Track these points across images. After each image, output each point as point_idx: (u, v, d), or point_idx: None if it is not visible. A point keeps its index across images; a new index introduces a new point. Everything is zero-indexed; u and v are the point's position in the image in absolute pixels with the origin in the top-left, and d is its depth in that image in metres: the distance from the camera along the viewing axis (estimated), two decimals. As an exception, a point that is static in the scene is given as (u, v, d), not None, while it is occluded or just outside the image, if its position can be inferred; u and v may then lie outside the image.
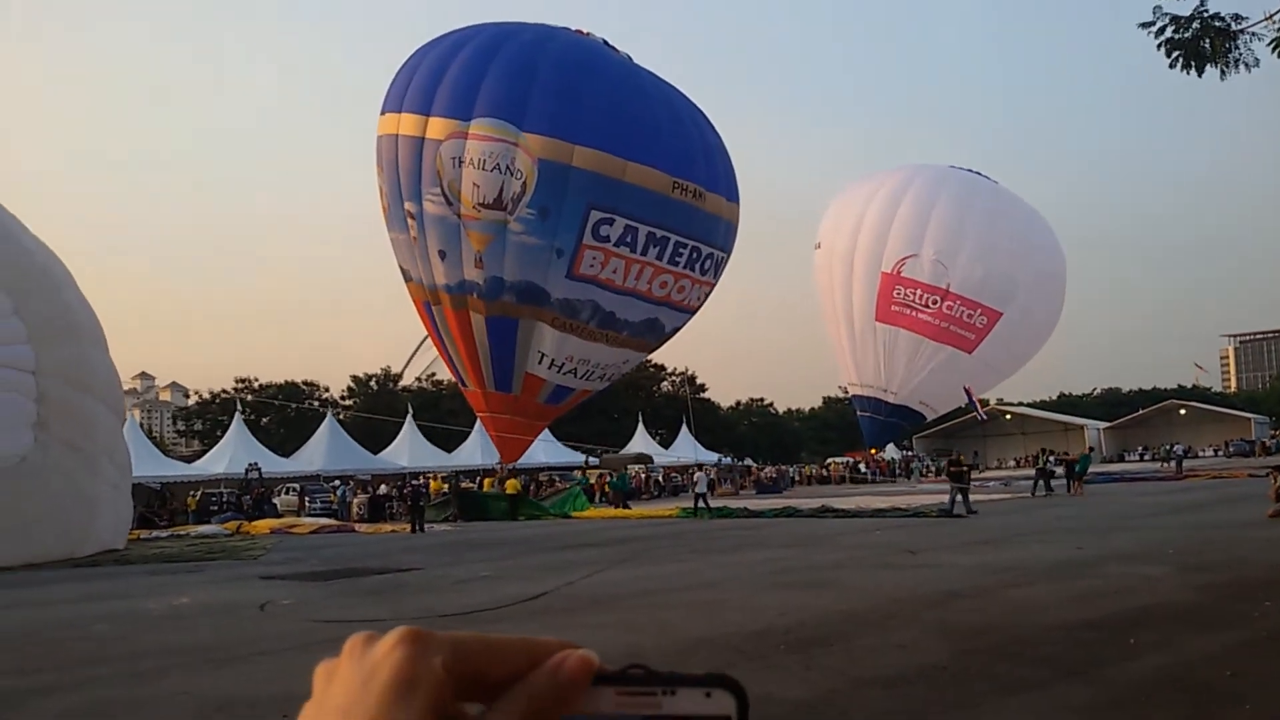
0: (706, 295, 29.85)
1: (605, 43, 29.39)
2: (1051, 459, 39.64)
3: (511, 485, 35.91)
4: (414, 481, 39.41)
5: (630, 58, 29.90)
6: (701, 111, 29.70)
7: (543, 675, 0.51)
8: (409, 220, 28.71)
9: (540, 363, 29.28)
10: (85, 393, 22.97)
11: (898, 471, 68.46)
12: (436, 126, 27.06)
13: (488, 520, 32.97)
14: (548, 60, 26.99)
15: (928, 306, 35.31)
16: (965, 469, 28.82)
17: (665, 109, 27.60)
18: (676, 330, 30.32)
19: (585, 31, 29.77)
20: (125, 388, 28.42)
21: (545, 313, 28.16)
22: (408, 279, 30.03)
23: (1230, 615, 9.73)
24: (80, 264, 25.55)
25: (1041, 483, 35.97)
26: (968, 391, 49.65)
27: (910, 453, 79.88)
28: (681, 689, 0.52)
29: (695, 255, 28.30)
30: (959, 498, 27.38)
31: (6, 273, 21.90)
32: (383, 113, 28.88)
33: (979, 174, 38.89)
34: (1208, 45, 11.90)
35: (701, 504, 32.94)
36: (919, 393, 36.99)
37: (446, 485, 40.94)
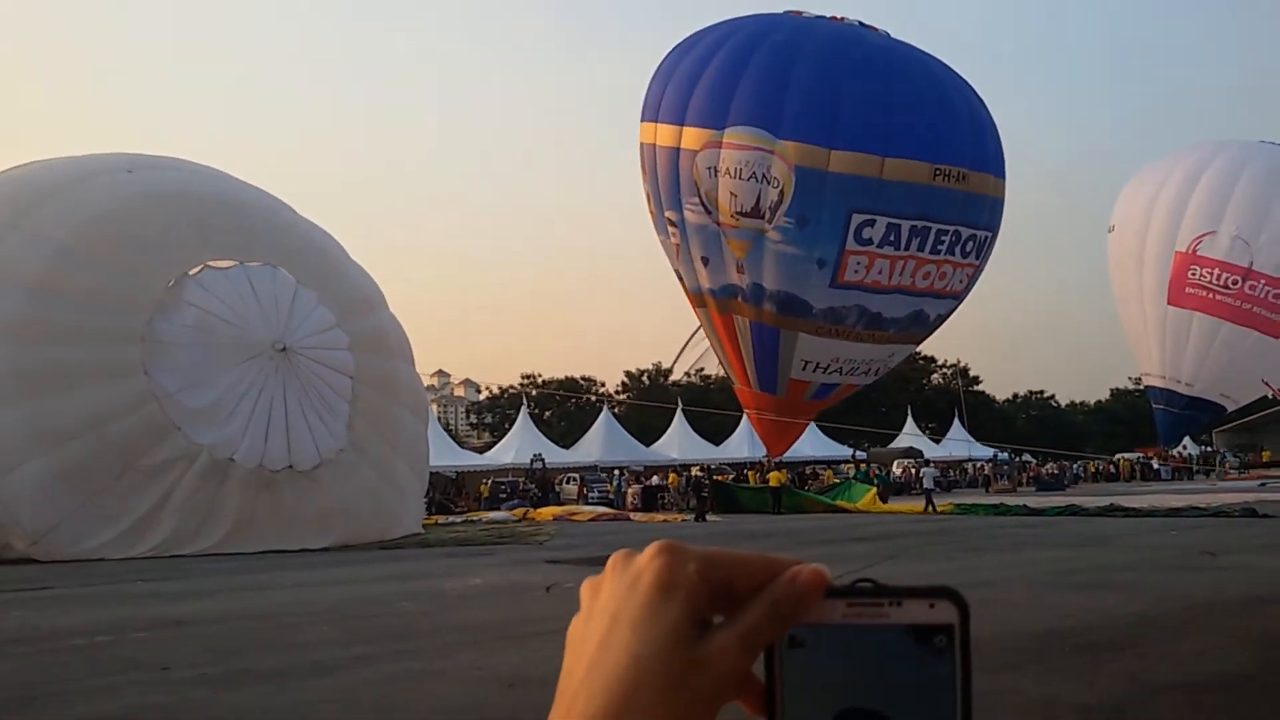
0: (972, 278, 28.77)
1: (860, 24, 28.64)
2: None
3: (775, 478, 35.82)
4: (697, 473, 40.11)
5: (889, 34, 28.98)
6: (967, 83, 28.67)
7: (782, 585, 0.58)
8: (670, 227, 29.07)
9: (804, 369, 29.15)
10: (392, 399, 25.50)
11: (1195, 468, 63.54)
12: (691, 136, 27.21)
13: (744, 513, 33.03)
14: (801, 60, 26.43)
15: (1227, 288, 32.39)
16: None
17: (928, 89, 26.71)
18: (943, 318, 29.35)
19: (839, 17, 29.05)
20: (425, 383, 30.77)
21: (808, 324, 27.86)
22: (679, 278, 30.70)
23: None
24: (385, 276, 27.91)
25: None
26: (1269, 386, 45.48)
27: (1210, 448, 73.88)
28: (907, 600, 0.55)
29: (956, 239, 27.41)
30: None
31: (333, 299, 24.67)
32: (642, 120, 29.31)
33: None
34: None
35: (928, 502, 31.93)
36: (1219, 383, 34.03)
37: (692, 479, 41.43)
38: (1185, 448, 62.35)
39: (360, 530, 23.40)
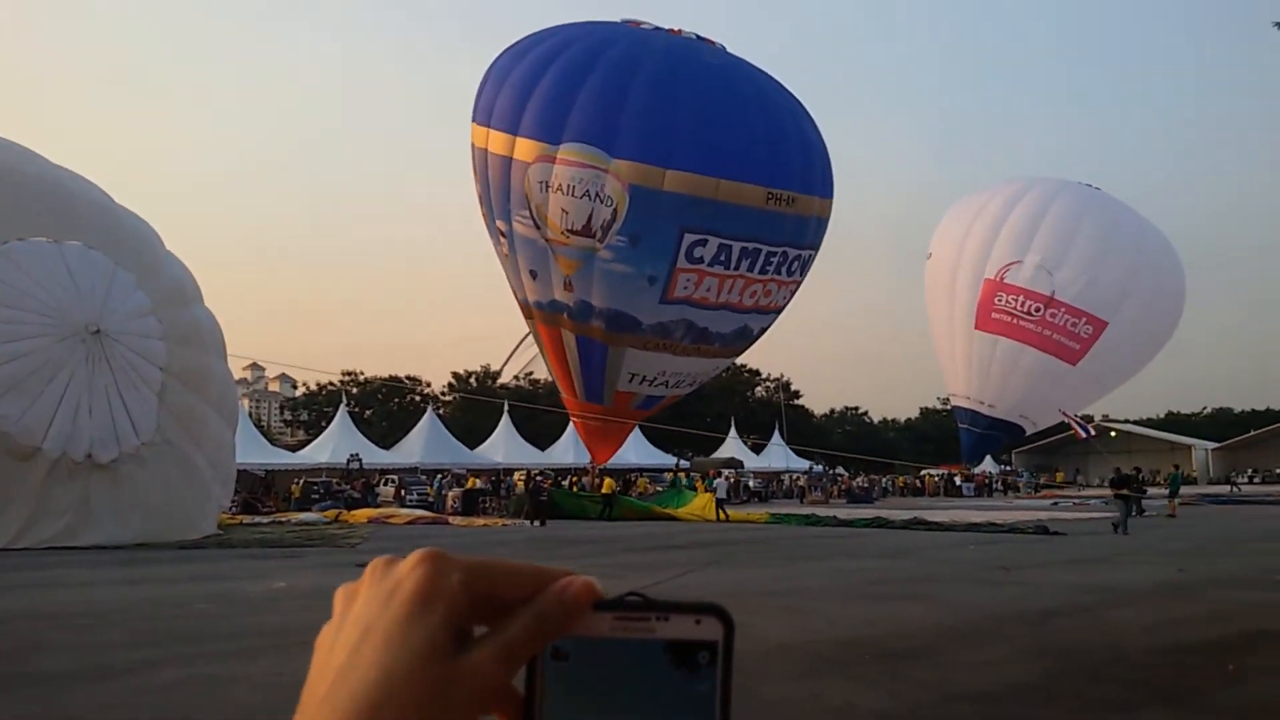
0: (794, 292, 29.54)
1: (698, 37, 28.77)
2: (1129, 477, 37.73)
3: (608, 485, 36.04)
4: (537, 476, 39.75)
5: (724, 49, 29.17)
6: (799, 103, 29.13)
7: (549, 596, 0.55)
8: (500, 236, 28.69)
9: (631, 381, 29.35)
10: (200, 396, 24.52)
11: (994, 486, 67.05)
12: (525, 148, 26.70)
13: (572, 519, 32.90)
14: (638, 79, 26.30)
15: (1030, 314, 34.32)
16: (1138, 481, 27.83)
17: (761, 112, 26.98)
18: (764, 330, 30.13)
19: (677, 30, 29.07)
20: (236, 377, 29.57)
21: (636, 339, 28.00)
22: (511, 286, 30.40)
23: (1342, 647, 9.34)
24: (202, 262, 26.74)
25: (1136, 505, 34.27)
26: (1064, 414, 48.43)
27: (1009, 468, 78.16)
28: (674, 616, 0.54)
29: (784, 259, 27.96)
30: (1129, 514, 26.00)
31: (149, 287, 23.64)
32: (473, 121, 28.71)
33: (1096, 188, 37.86)
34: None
35: (720, 511, 32.82)
36: (1019, 405, 36.03)
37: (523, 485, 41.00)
38: (985, 466, 65.72)
39: (159, 528, 22.32)
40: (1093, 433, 59.09)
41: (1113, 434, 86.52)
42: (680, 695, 0.53)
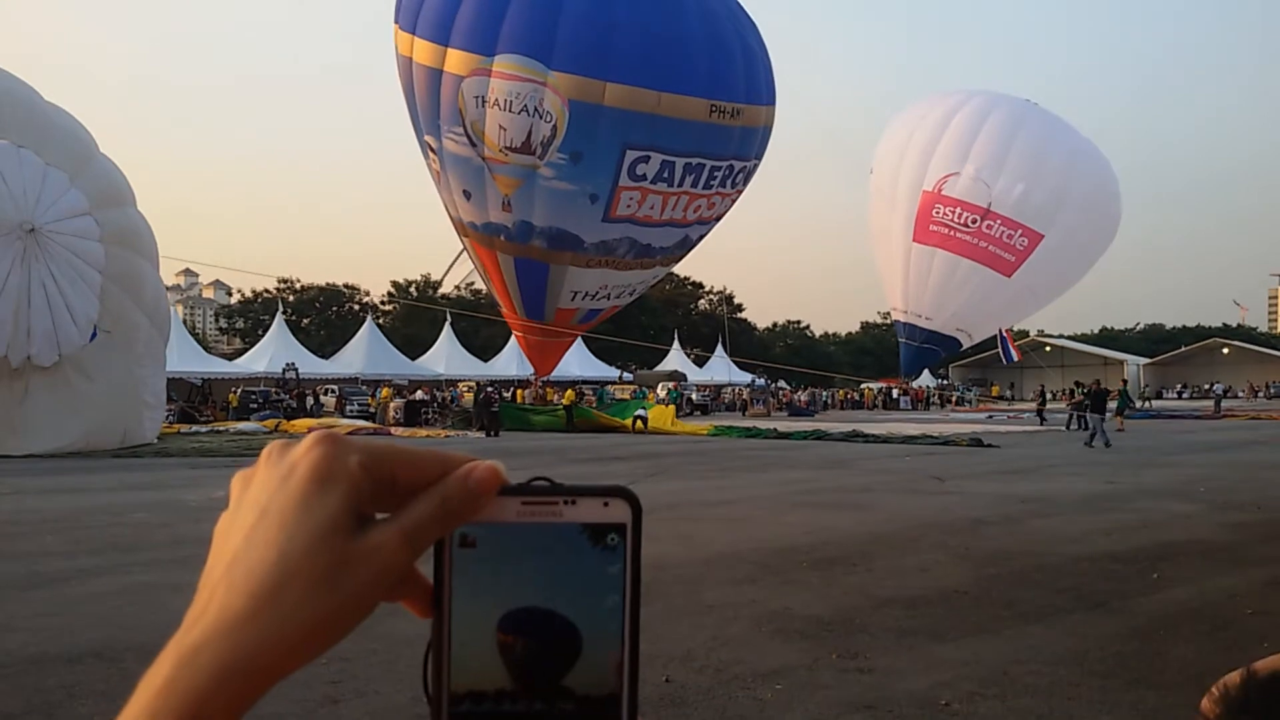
0: (735, 201, 29.23)
1: None
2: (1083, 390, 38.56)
3: (568, 396, 36.11)
4: (488, 387, 39.61)
5: None
6: (739, 6, 28.42)
7: (454, 480, 0.53)
8: (430, 153, 27.64)
9: (573, 299, 29.03)
10: (136, 302, 24.10)
11: (932, 400, 68.27)
12: (456, 60, 25.47)
13: (531, 432, 32.96)
14: None
15: (967, 226, 34.56)
16: (1101, 394, 27.87)
17: (701, 20, 26.18)
18: (704, 237, 29.95)
19: None
20: (169, 284, 28.97)
21: (578, 257, 27.45)
22: (442, 202, 29.58)
23: (1257, 554, 9.70)
24: (131, 164, 25.84)
25: (1076, 418, 34.99)
26: (1003, 334, 49.25)
27: (945, 381, 79.53)
28: (581, 499, 0.54)
29: (729, 172, 27.55)
30: (1098, 428, 25.83)
31: (84, 187, 23.04)
32: (397, 23, 27.28)
33: (1034, 103, 37.98)
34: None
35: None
36: (956, 318, 36.46)
37: (472, 395, 40.77)
38: (923, 379, 66.83)
39: (97, 435, 22.11)
40: (1016, 357, 60.45)
41: (1047, 349, 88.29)
42: (591, 577, 0.53)
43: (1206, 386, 70.28)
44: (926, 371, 63.49)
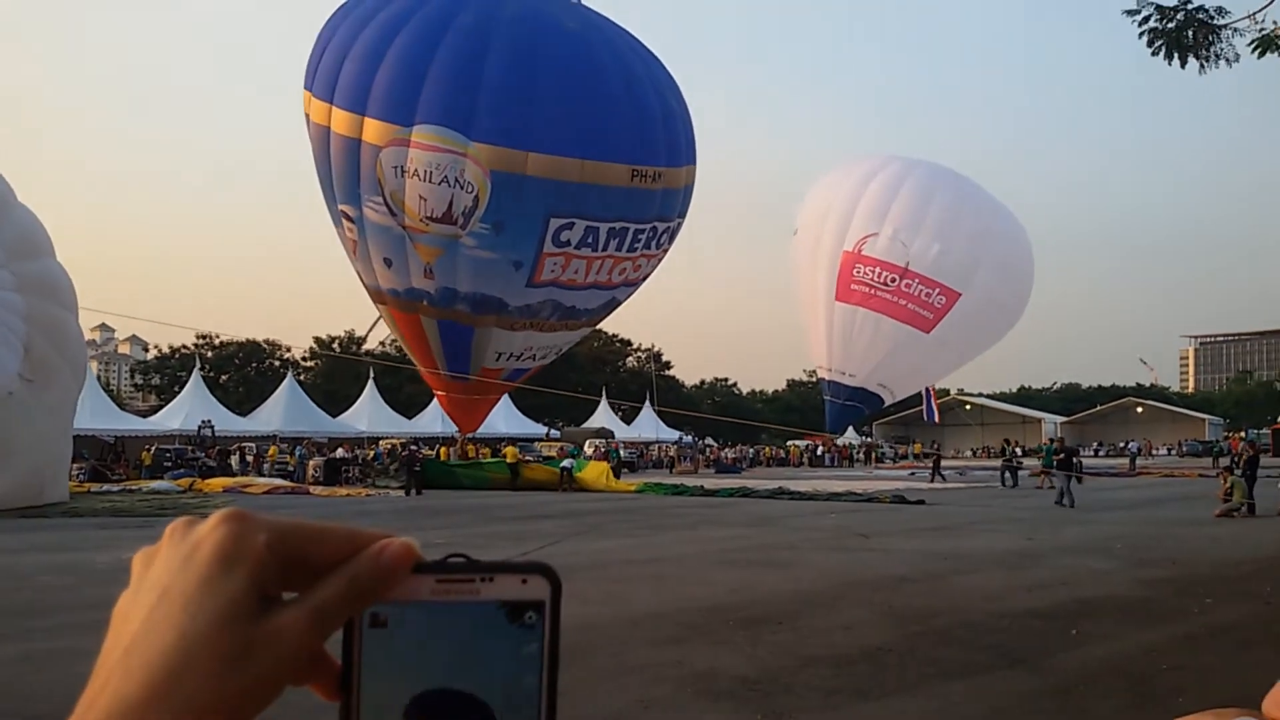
0: (661, 261, 29.25)
1: None
2: (1018, 451, 39.22)
3: (510, 453, 35.59)
4: (411, 445, 38.97)
5: (582, 3, 28.00)
6: (660, 66, 28.31)
7: (365, 559, 0.52)
8: (347, 222, 27.12)
9: (497, 360, 28.77)
10: (58, 352, 23.63)
11: (855, 457, 68.94)
12: (374, 130, 25.07)
13: (457, 490, 32.43)
14: (493, 53, 24.76)
15: (887, 285, 35.36)
16: (1074, 455, 27.22)
17: (622, 84, 25.96)
18: (629, 296, 30.02)
19: None
20: (85, 338, 28.28)
21: (503, 319, 27.21)
22: (357, 273, 28.74)
23: (1172, 610, 9.88)
24: (49, 215, 25.30)
25: (1009, 475, 35.15)
26: (928, 392, 50.26)
27: (869, 438, 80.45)
28: (499, 576, 0.53)
29: (652, 233, 27.54)
30: (1067, 485, 24.82)
31: (8, 241, 22.79)
32: (308, 89, 26.65)
33: (947, 168, 39.24)
34: (1190, 37, 11.96)
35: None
36: (877, 374, 37.09)
37: (403, 452, 40.12)
38: (848, 437, 67.52)
39: (12, 490, 21.43)
40: (937, 419, 61.64)
41: (968, 407, 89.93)
42: (508, 657, 0.52)
43: (1123, 445, 72.08)
44: (851, 429, 64.22)
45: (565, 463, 34.75)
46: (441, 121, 24.65)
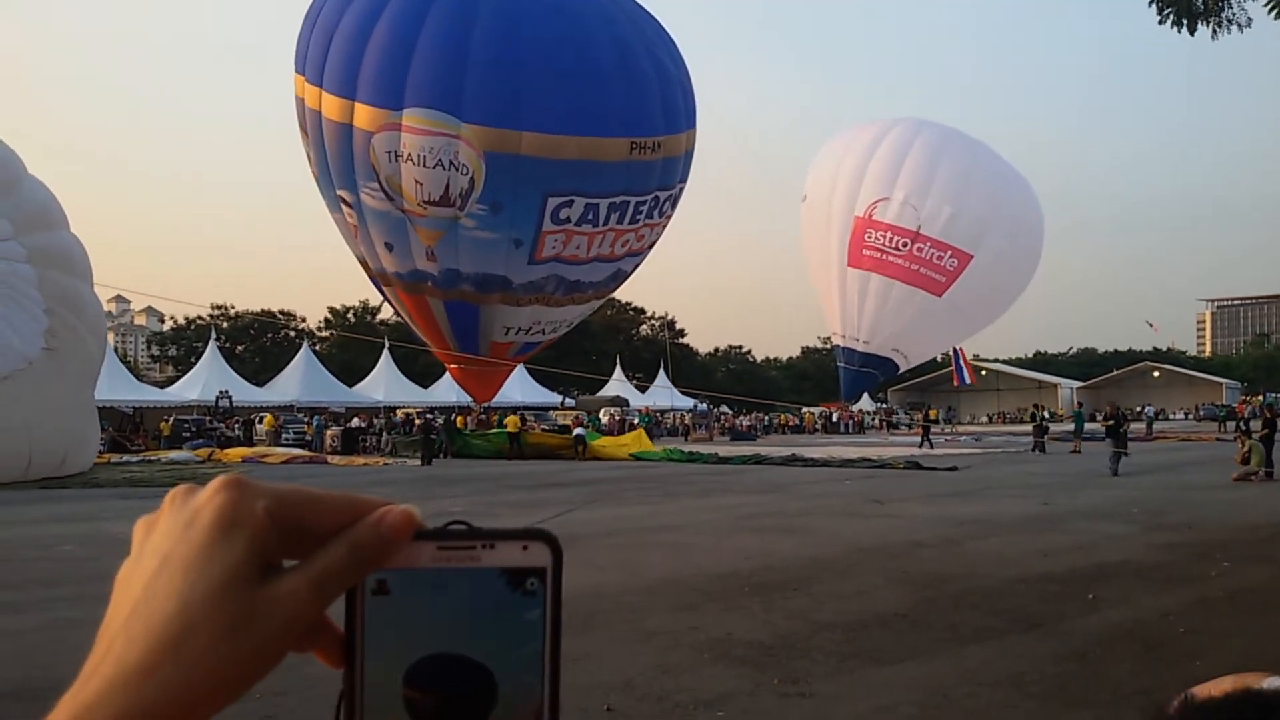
0: (666, 227, 28.89)
1: None
2: (1047, 415, 38.57)
3: (512, 422, 35.11)
4: (426, 415, 38.97)
5: None
6: (653, 23, 27.50)
7: (366, 526, 0.52)
8: (345, 207, 26.87)
9: (506, 334, 28.51)
10: (78, 321, 23.69)
11: (868, 424, 68.87)
12: (365, 115, 24.66)
13: (475, 458, 32.51)
14: (478, 27, 24.14)
15: (898, 250, 35.20)
16: (1122, 421, 24.21)
17: (613, 53, 25.19)
18: (638, 266, 29.75)
19: None
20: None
21: (508, 296, 26.99)
22: (359, 258, 28.51)
23: (1188, 574, 9.86)
24: (63, 188, 25.34)
25: (1040, 444, 34.09)
26: (957, 352, 50.09)
27: (885, 405, 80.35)
28: (499, 543, 0.53)
29: (655, 203, 27.16)
30: (1114, 453, 22.93)
31: (19, 214, 22.79)
32: (297, 72, 26.27)
33: (955, 129, 38.93)
34: (1200, 3, 11.79)
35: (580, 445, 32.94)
36: (891, 340, 36.99)
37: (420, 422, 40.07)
38: (863, 404, 67.47)
39: (35, 460, 21.65)
40: (970, 379, 61.54)
41: (983, 372, 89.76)
42: (510, 623, 0.52)
43: (1138, 409, 71.85)
44: (866, 396, 64.17)
45: (578, 430, 34.74)
46: (431, 104, 24.14)
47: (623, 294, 42.83)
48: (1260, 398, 69.88)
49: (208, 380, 46.46)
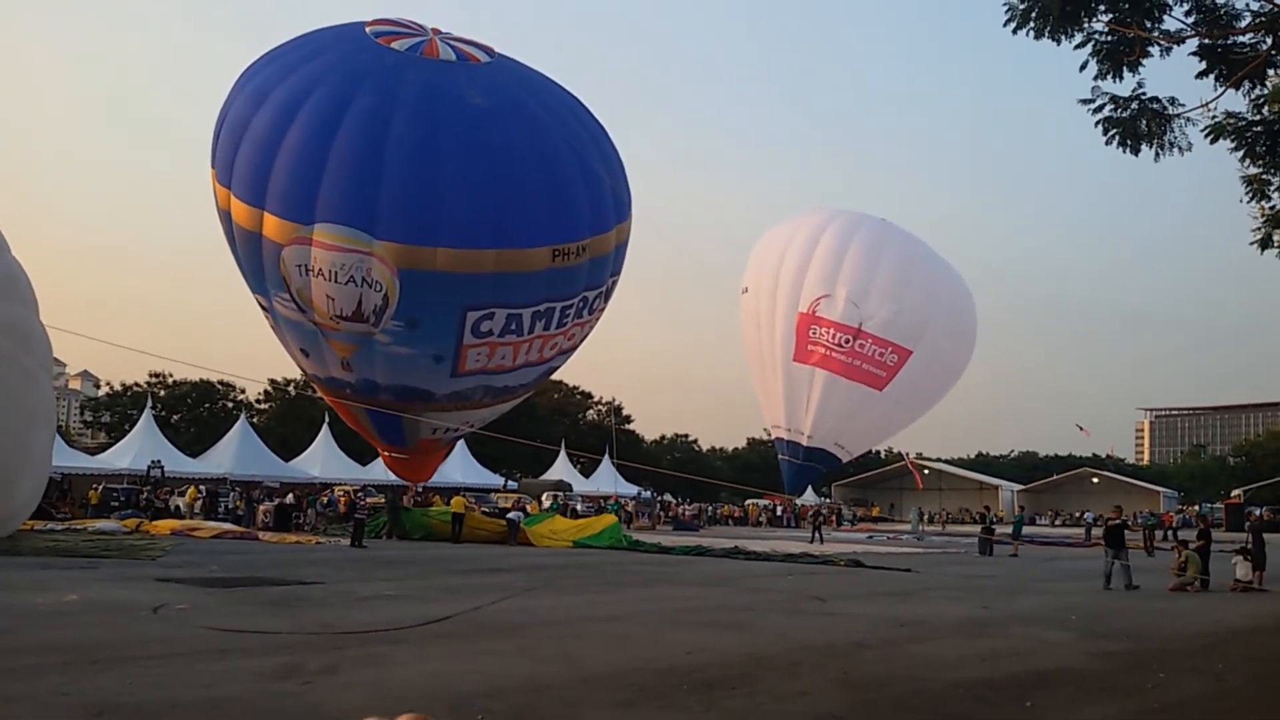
0: (596, 324, 27.97)
1: (457, 52, 25.38)
2: (994, 518, 38.96)
3: (457, 503, 33.55)
4: (357, 493, 38.16)
5: (489, 56, 26.07)
6: (583, 113, 26.45)
7: None
8: (261, 309, 26.14)
9: (434, 433, 27.83)
10: (27, 353, 21.97)
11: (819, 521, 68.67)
12: (274, 227, 23.54)
13: (415, 540, 31.53)
14: (394, 136, 23.06)
15: (841, 345, 35.85)
16: (1122, 527, 22.29)
17: (535, 157, 24.03)
18: (565, 363, 28.97)
19: (434, 35, 25.73)
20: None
21: (431, 406, 26.11)
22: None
23: (1126, 684, 9.85)
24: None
25: (987, 544, 33.66)
26: (907, 458, 51.21)
27: (828, 499, 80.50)
28: None
29: (584, 303, 26.06)
30: (1120, 565, 21.03)
31: None
32: (213, 167, 25.14)
33: (890, 223, 39.83)
34: (1144, 126, 12.21)
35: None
36: (834, 434, 37.35)
37: (382, 499, 38.64)
38: (807, 498, 67.50)
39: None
40: (918, 485, 62.84)
41: (925, 471, 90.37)
42: None
43: (1078, 515, 72.64)
44: (810, 489, 64.30)
45: (512, 514, 33.54)
46: (343, 220, 23.02)
47: (570, 378, 42.88)
48: (1195, 507, 71.04)
49: (140, 449, 45.33)
